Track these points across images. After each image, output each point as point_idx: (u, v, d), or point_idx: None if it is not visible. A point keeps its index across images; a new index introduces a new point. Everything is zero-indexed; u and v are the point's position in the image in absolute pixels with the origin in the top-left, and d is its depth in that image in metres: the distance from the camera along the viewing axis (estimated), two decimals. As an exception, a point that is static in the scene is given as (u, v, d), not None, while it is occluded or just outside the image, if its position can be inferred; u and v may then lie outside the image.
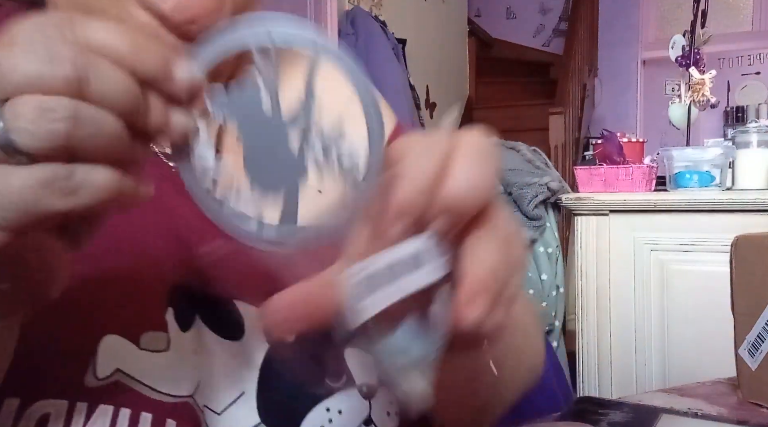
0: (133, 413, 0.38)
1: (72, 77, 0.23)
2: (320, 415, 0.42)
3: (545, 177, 1.74)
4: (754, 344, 0.54)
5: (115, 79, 0.24)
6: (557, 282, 1.82)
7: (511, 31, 5.43)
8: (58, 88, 0.23)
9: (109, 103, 0.24)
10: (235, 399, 0.41)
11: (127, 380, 0.38)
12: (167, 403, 0.39)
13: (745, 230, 0.59)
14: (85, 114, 0.23)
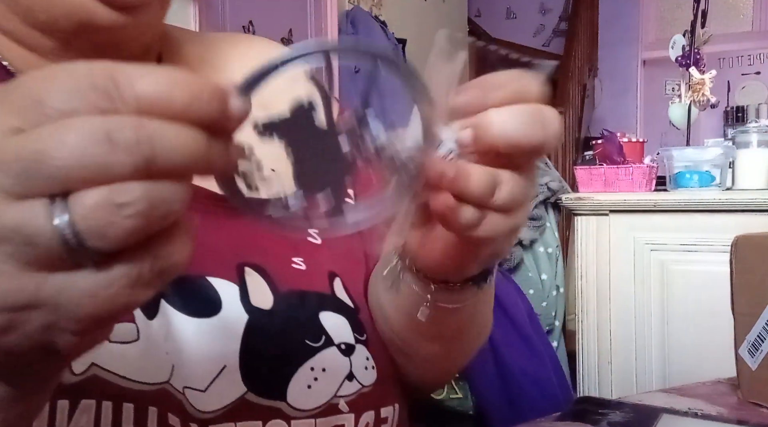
0: (115, 405, 0.38)
1: (138, 158, 0.20)
2: (305, 375, 0.43)
3: (545, 177, 1.74)
4: (754, 344, 0.54)
5: (182, 141, 0.21)
6: (557, 282, 1.82)
7: (511, 31, 5.43)
8: (124, 174, 0.20)
9: (179, 170, 0.21)
10: (217, 374, 0.41)
11: (104, 373, 0.38)
12: (146, 391, 0.39)
13: (745, 230, 0.59)
14: (158, 196, 0.20)
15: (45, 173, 0.19)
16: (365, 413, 0.46)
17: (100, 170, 0.20)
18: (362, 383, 0.46)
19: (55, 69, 0.21)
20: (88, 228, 0.20)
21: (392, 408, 0.48)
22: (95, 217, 0.20)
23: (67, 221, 0.20)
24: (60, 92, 0.20)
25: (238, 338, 0.42)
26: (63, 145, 0.19)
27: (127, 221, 0.20)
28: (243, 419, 0.41)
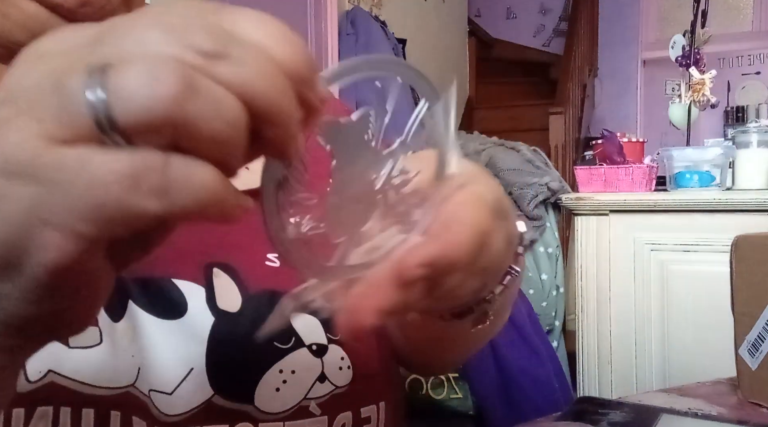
0: (74, 410, 0.37)
1: (205, 50, 0.19)
2: (274, 377, 0.42)
3: (545, 177, 1.74)
4: (754, 344, 0.54)
5: (257, 59, 0.20)
6: (557, 282, 1.82)
7: (511, 31, 5.43)
8: (181, 58, 0.18)
9: (238, 83, 0.19)
10: (184, 377, 0.41)
11: (62, 379, 0.38)
12: (107, 396, 0.38)
13: (745, 230, 0.59)
14: (202, 86, 0.19)
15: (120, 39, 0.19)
16: (341, 415, 0.45)
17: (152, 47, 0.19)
18: (335, 384, 0.45)
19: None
20: (119, 96, 0.18)
21: (375, 407, 0.47)
22: (129, 83, 0.18)
23: (100, 91, 0.18)
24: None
25: (204, 340, 0.42)
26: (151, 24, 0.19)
27: (158, 90, 0.18)
28: (210, 422, 0.41)
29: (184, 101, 0.18)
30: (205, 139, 0.19)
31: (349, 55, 2.78)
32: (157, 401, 0.40)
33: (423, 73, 0.26)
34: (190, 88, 0.18)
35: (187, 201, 0.19)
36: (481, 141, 1.91)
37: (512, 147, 1.86)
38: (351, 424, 0.46)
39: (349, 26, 2.81)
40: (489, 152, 1.83)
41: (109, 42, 0.19)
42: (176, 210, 0.19)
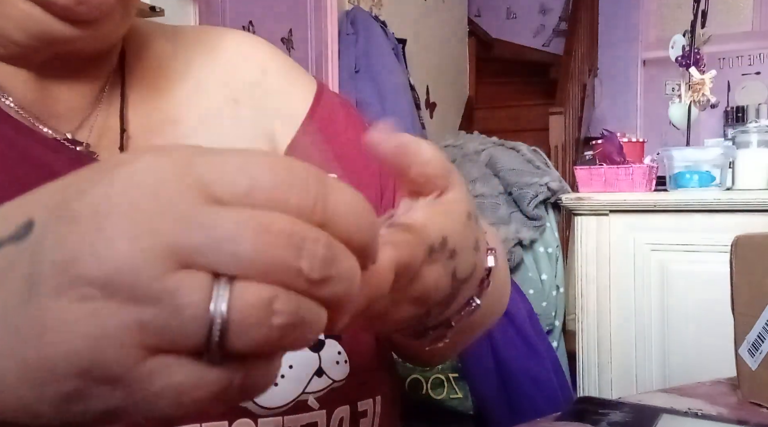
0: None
1: (317, 274, 0.20)
2: None
3: (545, 177, 1.74)
4: (754, 344, 0.54)
5: (349, 271, 0.21)
6: (557, 282, 1.82)
7: (511, 31, 5.43)
8: (294, 283, 0.19)
9: (336, 300, 0.21)
10: None
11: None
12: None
13: (745, 229, 0.59)
14: (308, 317, 0.20)
15: (227, 250, 0.18)
16: (339, 408, 0.45)
17: (276, 270, 0.19)
18: (333, 379, 0.45)
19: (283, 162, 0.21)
20: (239, 321, 0.18)
21: (372, 401, 0.48)
22: (251, 313, 0.19)
23: (224, 308, 0.18)
24: (273, 180, 0.20)
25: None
26: (257, 229, 0.19)
27: (273, 329, 0.19)
28: (209, 418, 0.41)
29: (291, 332, 0.19)
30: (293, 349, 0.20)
31: (349, 55, 2.78)
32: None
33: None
34: (298, 322, 0.19)
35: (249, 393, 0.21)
36: (481, 141, 1.91)
37: (512, 147, 1.86)
38: (348, 417, 0.46)
39: (349, 26, 2.81)
40: (489, 152, 1.83)
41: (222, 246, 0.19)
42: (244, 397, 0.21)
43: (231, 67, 0.52)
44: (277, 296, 0.19)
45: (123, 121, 0.46)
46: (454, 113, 4.27)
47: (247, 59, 0.54)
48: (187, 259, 0.18)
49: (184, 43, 0.52)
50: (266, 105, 0.52)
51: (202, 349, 0.19)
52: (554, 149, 3.34)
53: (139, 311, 0.18)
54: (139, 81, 0.48)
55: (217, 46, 0.53)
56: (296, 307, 0.19)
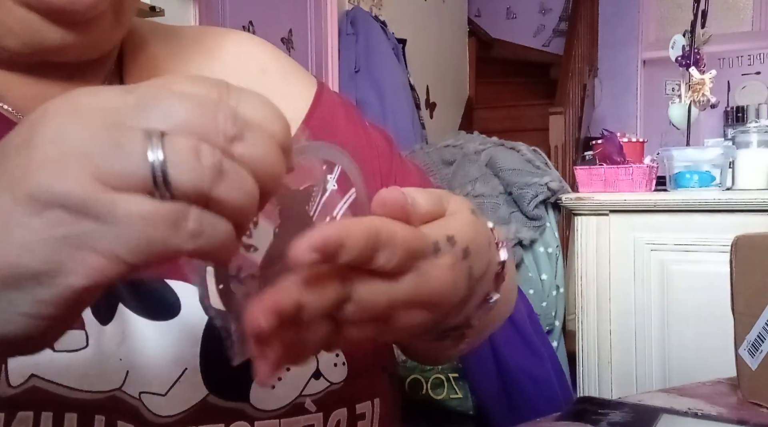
0: (56, 415, 0.37)
1: (229, 135, 0.24)
2: None
3: (545, 177, 1.74)
4: (754, 344, 0.54)
5: (264, 148, 0.25)
6: (557, 282, 1.82)
7: (511, 31, 5.43)
8: (214, 140, 0.24)
9: (254, 167, 0.25)
10: (178, 377, 0.41)
11: (45, 384, 0.37)
12: (91, 400, 0.38)
13: (745, 229, 0.59)
14: (232, 169, 0.24)
15: (157, 111, 0.24)
16: (336, 411, 0.45)
17: (198, 128, 0.24)
18: (330, 381, 0.45)
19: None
20: (176, 161, 0.23)
21: (370, 403, 0.47)
22: (184, 153, 0.23)
23: (160, 153, 0.23)
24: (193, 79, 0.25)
25: (198, 340, 0.42)
26: (179, 100, 0.24)
27: (205, 166, 0.23)
28: (205, 422, 0.41)
29: (216, 179, 0.23)
30: (229, 207, 0.24)
31: (349, 55, 2.78)
32: (150, 403, 0.40)
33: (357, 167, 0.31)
34: (223, 170, 0.24)
35: (210, 246, 0.24)
36: (481, 141, 1.91)
37: (512, 147, 1.86)
38: (346, 420, 0.46)
39: (349, 26, 2.81)
40: (489, 152, 1.83)
41: (154, 110, 0.24)
42: (200, 251, 0.24)
43: (230, 67, 0.52)
44: (200, 144, 0.23)
45: None
46: (454, 113, 4.27)
47: (247, 59, 0.53)
48: (125, 120, 0.23)
49: (183, 44, 0.52)
50: None
51: (152, 189, 0.23)
52: (554, 149, 3.34)
53: (93, 157, 0.23)
54: (135, 82, 0.48)
55: (216, 47, 0.53)
56: (219, 157, 0.24)
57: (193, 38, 0.53)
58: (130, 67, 0.48)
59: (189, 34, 0.54)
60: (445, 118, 3.99)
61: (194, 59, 0.52)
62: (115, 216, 0.23)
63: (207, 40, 0.54)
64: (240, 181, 0.24)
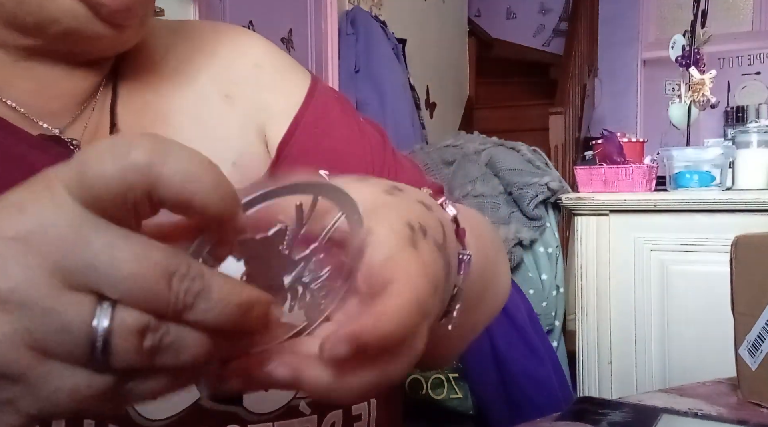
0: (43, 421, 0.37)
1: (182, 306, 0.22)
2: None
3: (545, 177, 1.74)
4: (754, 344, 0.54)
5: (220, 301, 0.23)
6: (557, 282, 1.82)
7: (511, 31, 5.43)
8: (165, 313, 0.22)
9: (207, 326, 0.23)
10: None
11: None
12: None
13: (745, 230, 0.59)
14: (175, 340, 0.22)
15: (110, 278, 0.21)
16: (331, 413, 0.45)
17: (149, 299, 0.21)
18: None
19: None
20: (119, 343, 0.21)
21: (366, 404, 0.47)
22: (130, 337, 0.21)
23: (105, 327, 0.21)
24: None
25: None
26: (135, 261, 0.21)
27: (147, 351, 0.22)
28: (197, 425, 0.41)
29: (161, 353, 0.22)
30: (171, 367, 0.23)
31: (349, 55, 2.78)
32: (141, 407, 0.39)
33: (340, 188, 0.28)
34: (166, 346, 0.22)
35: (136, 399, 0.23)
36: (481, 141, 1.91)
37: (512, 147, 1.86)
38: (341, 422, 0.45)
39: (349, 26, 2.81)
40: (489, 152, 1.83)
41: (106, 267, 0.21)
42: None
43: (225, 62, 0.52)
44: (149, 323, 0.21)
45: (113, 116, 0.46)
46: (454, 113, 4.27)
47: (242, 54, 0.53)
48: (73, 278, 0.21)
49: (179, 39, 0.52)
50: (259, 100, 0.52)
51: (88, 359, 0.21)
52: (554, 149, 3.34)
53: (31, 322, 0.21)
54: (131, 76, 0.48)
55: (211, 42, 0.53)
56: (165, 332, 0.22)
57: (190, 33, 0.54)
58: (126, 62, 0.49)
59: (185, 29, 0.54)
60: (445, 118, 3.99)
61: (189, 54, 0.52)
62: (46, 387, 0.21)
63: (203, 35, 0.54)
64: (186, 345, 0.22)
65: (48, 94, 0.44)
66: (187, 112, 0.49)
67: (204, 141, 0.47)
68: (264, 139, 0.51)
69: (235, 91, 0.51)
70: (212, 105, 0.50)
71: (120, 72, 0.48)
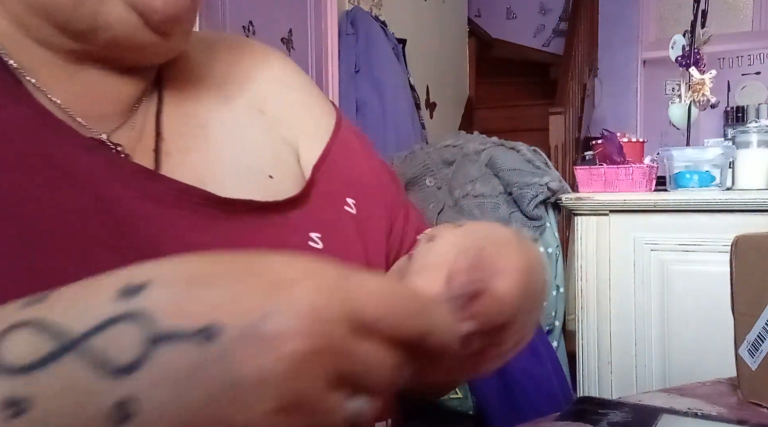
0: None
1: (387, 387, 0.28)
2: None
3: (545, 177, 1.74)
4: (754, 344, 0.54)
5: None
6: (557, 282, 1.82)
7: (511, 31, 5.43)
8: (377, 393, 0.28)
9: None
10: None
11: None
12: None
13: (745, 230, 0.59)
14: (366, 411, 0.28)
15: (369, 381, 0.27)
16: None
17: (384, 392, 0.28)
18: None
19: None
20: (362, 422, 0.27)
21: (385, 423, 0.48)
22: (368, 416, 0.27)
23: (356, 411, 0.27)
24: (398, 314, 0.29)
25: None
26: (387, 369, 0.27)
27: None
28: None
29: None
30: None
31: (349, 55, 2.78)
32: None
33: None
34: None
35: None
36: (481, 141, 1.91)
37: (512, 147, 1.86)
38: None
39: (349, 26, 2.81)
40: (489, 152, 1.83)
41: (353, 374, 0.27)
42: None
43: (257, 79, 0.55)
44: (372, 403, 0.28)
45: (158, 124, 0.47)
46: (454, 113, 4.27)
47: (273, 74, 0.56)
48: (340, 381, 0.26)
49: (214, 52, 0.55)
50: (289, 117, 0.55)
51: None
52: (554, 149, 3.34)
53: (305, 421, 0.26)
54: (173, 86, 0.50)
55: (245, 58, 0.56)
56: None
57: (221, 47, 0.57)
58: (169, 71, 0.50)
59: (221, 43, 0.57)
60: (445, 118, 3.99)
61: (225, 68, 0.54)
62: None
63: (235, 50, 0.57)
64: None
65: (94, 98, 0.45)
66: (225, 124, 0.50)
67: (242, 153, 0.49)
68: (296, 154, 0.54)
69: (267, 108, 0.54)
70: (248, 119, 0.52)
71: (163, 81, 0.50)
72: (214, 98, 0.51)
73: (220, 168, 0.47)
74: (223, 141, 0.49)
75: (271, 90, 0.55)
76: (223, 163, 0.48)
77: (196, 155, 0.47)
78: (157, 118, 0.47)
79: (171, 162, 0.46)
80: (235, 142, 0.50)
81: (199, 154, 0.47)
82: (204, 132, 0.49)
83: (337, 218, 0.51)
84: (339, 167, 0.54)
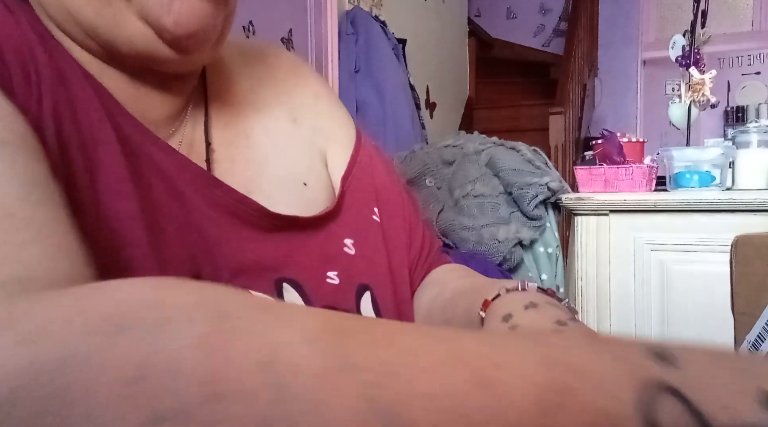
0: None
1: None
2: None
3: (545, 177, 1.74)
4: (754, 344, 0.54)
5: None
6: (557, 282, 1.82)
7: (511, 31, 5.43)
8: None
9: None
10: None
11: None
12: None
13: (745, 230, 0.59)
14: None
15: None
16: None
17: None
18: None
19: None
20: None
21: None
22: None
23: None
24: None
25: None
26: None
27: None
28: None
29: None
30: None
31: (349, 55, 2.78)
32: None
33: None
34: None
35: None
36: (481, 141, 1.91)
37: (512, 147, 1.86)
38: None
39: (349, 26, 2.81)
40: (489, 152, 1.83)
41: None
42: None
43: (290, 89, 0.58)
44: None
45: (207, 134, 0.50)
46: (454, 113, 4.27)
47: (304, 84, 0.59)
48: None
49: (249, 61, 0.57)
50: (320, 127, 0.58)
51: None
52: (554, 149, 3.34)
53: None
54: (217, 96, 0.52)
55: (278, 69, 0.59)
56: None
57: (255, 56, 0.59)
58: (211, 82, 0.53)
59: (254, 51, 0.59)
60: (445, 118, 3.99)
61: (260, 77, 0.57)
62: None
63: (269, 60, 0.59)
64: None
65: (145, 104, 0.46)
66: (263, 132, 0.53)
67: (279, 161, 0.52)
68: (325, 161, 0.57)
69: (300, 116, 0.57)
70: (283, 128, 0.55)
71: (208, 90, 0.52)
72: (252, 107, 0.54)
73: (264, 177, 0.50)
74: (265, 150, 0.52)
75: (305, 99, 0.58)
76: (266, 173, 0.51)
77: (242, 164, 0.50)
78: (206, 128, 0.50)
79: (220, 170, 0.48)
80: (276, 151, 0.53)
81: (245, 164, 0.50)
82: (247, 142, 0.51)
83: (366, 224, 0.55)
84: (363, 177, 0.57)
